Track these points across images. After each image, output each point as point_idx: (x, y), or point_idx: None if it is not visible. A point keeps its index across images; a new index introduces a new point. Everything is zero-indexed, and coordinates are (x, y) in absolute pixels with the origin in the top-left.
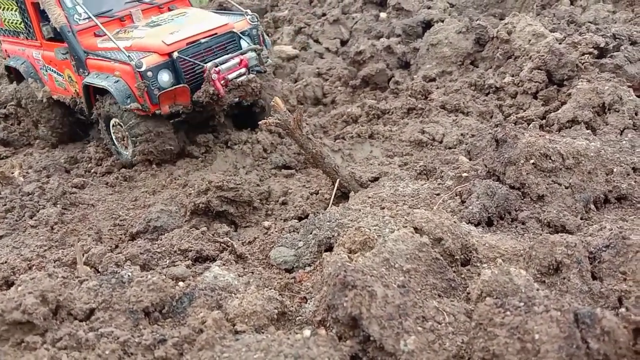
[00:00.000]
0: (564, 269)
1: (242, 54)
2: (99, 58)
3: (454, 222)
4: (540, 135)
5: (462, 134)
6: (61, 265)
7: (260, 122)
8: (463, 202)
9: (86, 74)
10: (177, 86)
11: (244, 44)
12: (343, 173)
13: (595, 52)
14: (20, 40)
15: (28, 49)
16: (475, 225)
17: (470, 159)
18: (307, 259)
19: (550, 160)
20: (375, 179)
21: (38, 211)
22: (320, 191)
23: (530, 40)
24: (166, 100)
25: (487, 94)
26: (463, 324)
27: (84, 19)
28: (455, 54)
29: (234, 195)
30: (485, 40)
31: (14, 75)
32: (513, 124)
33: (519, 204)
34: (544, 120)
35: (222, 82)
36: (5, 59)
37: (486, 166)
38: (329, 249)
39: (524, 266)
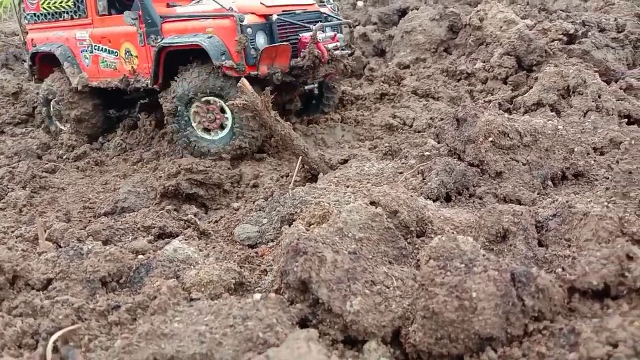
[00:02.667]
0: (510, 236)
1: (333, 30)
2: (182, 18)
3: (411, 196)
4: (499, 114)
5: (431, 118)
6: (23, 241)
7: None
8: (424, 179)
9: (159, 40)
10: (279, 44)
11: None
12: (312, 155)
13: (565, 38)
14: (59, 23)
15: (69, 31)
16: (434, 201)
17: (438, 142)
18: (270, 235)
19: (508, 138)
20: (345, 161)
21: (7, 194)
22: (290, 174)
23: (501, 27)
24: (266, 59)
25: (458, 80)
26: (411, 288)
27: None
28: (429, 41)
29: (204, 177)
30: (458, 27)
31: (37, 69)
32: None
33: (477, 180)
34: (512, 105)
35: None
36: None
37: (447, 145)
38: (292, 224)
39: (475, 235)
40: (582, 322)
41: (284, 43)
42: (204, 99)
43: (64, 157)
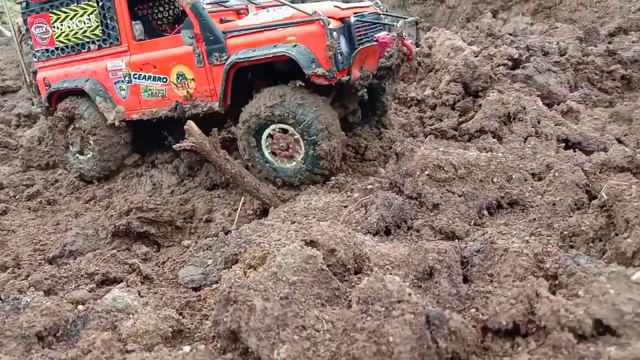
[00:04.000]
0: (436, 274)
1: (399, 35)
2: (250, 31)
3: (349, 233)
4: (434, 148)
5: (381, 147)
6: None
7: (174, 146)
8: (367, 212)
9: (224, 57)
10: (370, 44)
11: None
12: (264, 190)
13: (510, 63)
14: (82, 56)
15: (97, 62)
16: (374, 235)
17: None
18: (214, 276)
19: (443, 171)
20: (297, 194)
21: None
22: (242, 208)
23: (449, 54)
24: (358, 62)
25: (409, 107)
26: (340, 331)
27: (207, 3)
28: None
29: (154, 215)
30: None
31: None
32: (411, 139)
33: (415, 213)
34: (457, 132)
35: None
36: (35, 97)
37: (389, 178)
38: (233, 266)
39: (405, 272)
40: None
41: (374, 43)
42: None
43: (16, 197)
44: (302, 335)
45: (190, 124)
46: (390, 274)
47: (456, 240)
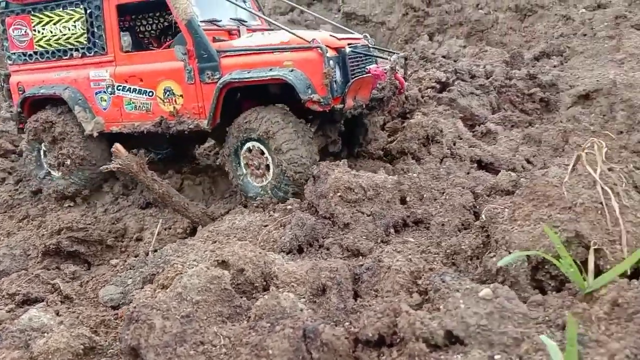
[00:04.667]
0: (327, 290)
1: (392, 68)
2: (246, 52)
3: (259, 253)
4: (346, 172)
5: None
6: None
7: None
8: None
9: (217, 76)
10: (364, 75)
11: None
12: (193, 209)
13: (437, 86)
14: (63, 62)
15: (79, 71)
16: (287, 253)
17: None
18: (133, 295)
19: (354, 193)
20: (227, 213)
21: None
22: (173, 226)
23: None
24: (353, 92)
25: None
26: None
27: (201, 21)
28: None
29: (84, 235)
30: None
31: (25, 118)
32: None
33: (327, 232)
34: (382, 152)
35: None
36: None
37: (307, 199)
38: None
39: (306, 289)
40: None
41: (369, 75)
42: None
43: None
44: (199, 350)
45: (117, 147)
46: (295, 290)
47: (360, 257)
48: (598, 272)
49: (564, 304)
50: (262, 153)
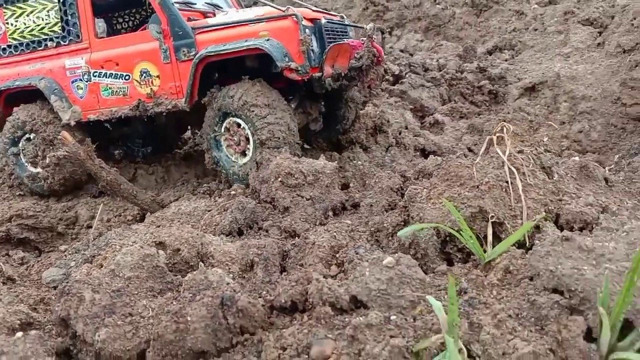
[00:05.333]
0: (255, 266)
1: (369, 36)
2: (221, 27)
3: (196, 234)
4: (287, 158)
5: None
6: None
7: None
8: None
9: (192, 52)
10: (343, 42)
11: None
12: (142, 197)
13: (391, 78)
14: (38, 54)
15: (54, 61)
16: (227, 235)
17: None
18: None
19: (294, 178)
20: (176, 199)
21: None
22: (123, 213)
23: None
24: (330, 59)
25: None
26: None
27: (175, 2)
28: None
29: (34, 222)
30: None
31: (1, 116)
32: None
33: (267, 215)
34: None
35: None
36: None
37: (250, 185)
38: None
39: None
40: (272, 333)
41: (345, 42)
42: (235, 120)
43: None
44: (126, 320)
45: (64, 134)
46: (229, 268)
47: (296, 238)
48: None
49: (464, 273)
50: (239, 126)
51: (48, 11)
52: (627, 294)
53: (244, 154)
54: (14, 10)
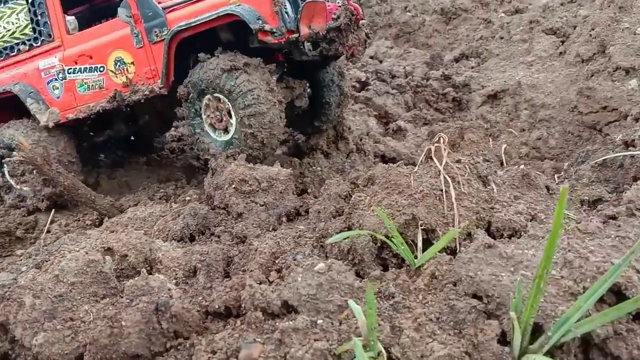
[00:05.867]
0: (197, 272)
1: None
2: (190, 2)
3: (145, 240)
4: (241, 165)
5: None
6: None
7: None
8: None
9: (165, 31)
10: (316, 0)
11: None
12: (100, 202)
13: (357, 85)
14: (13, 59)
15: (27, 65)
16: (178, 241)
17: None
18: None
19: (248, 184)
20: (135, 205)
21: None
22: (82, 218)
23: None
24: (305, 18)
25: None
26: None
27: None
28: None
29: None
30: None
31: None
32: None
33: (220, 221)
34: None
35: None
36: None
37: (205, 191)
38: None
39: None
40: (205, 338)
41: (320, 1)
42: (215, 95)
43: None
44: (66, 325)
45: (20, 140)
46: (176, 274)
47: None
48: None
49: (394, 278)
50: (219, 100)
51: (17, 14)
52: (535, 299)
53: (226, 130)
54: None
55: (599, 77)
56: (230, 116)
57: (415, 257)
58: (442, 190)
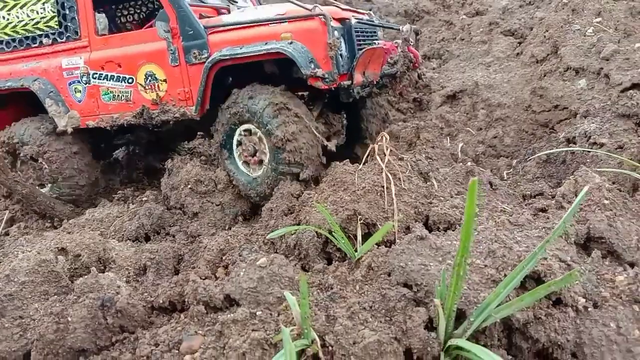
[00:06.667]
0: (147, 270)
1: (405, 39)
2: (237, 27)
3: (98, 240)
4: (197, 165)
5: None
6: None
7: None
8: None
9: (204, 55)
10: (376, 46)
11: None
12: (60, 208)
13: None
14: (31, 51)
15: (49, 60)
16: (134, 241)
17: None
18: None
19: (204, 185)
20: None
21: None
22: (41, 221)
23: None
24: (362, 66)
25: None
26: None
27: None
28: None
29: None
30: None
31: None
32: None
33: (175, 221)
34: None
35: None
36: None
37: (162, 191)
38: None
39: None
40: (149, 331)
41: (379, 46)
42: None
43: None
44: (15, 323)
45: None
46: (129, 272)
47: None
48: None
49: (333, 270)
50: (254, 133)
51: (44, 4)
52: (457, 286)
53: (260, 163)
54: (6, 2)
55: (551, 77)
56: (262, 141)
57: (356, 251)
58: (383, 187)
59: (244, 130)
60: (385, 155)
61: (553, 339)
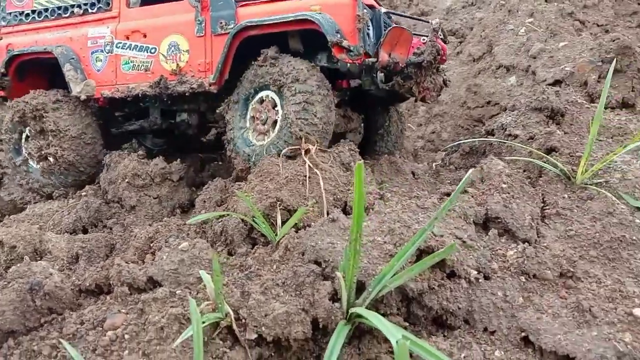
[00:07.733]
0: (79, 258)
1: (435, 30)
2: (266, 0)
3: (34, 232)
4: (134, 160)
5: None
6: None
7: None
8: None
9: (231, 25)
10: (404, 28)
11: None
12: (1, 204)
13: None
14: (61, 21)
15: (76, 29)
16: (71, 234)
17: None
18: None
19: (141, 179)
20: (37, 202)
21: None
22: None
23: None
24: (388, 45)
25: None
26: None
27: None
28: None
29: None
30: None
31: (9, 83)
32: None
33: (112, 214)
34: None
35: None
36: None
37: (100, 186)
38: None
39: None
40: (76, 312)
41: (407, 29)
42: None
43: None
44: None
45: None
46: (64, 262)
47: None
48: (297, 229)
49: (252, 252)
50: (274, 107)
51: None
52: (355, 260)
53: (265, 134)
54: None
55: (485, 75)
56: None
57: (276, 235)
58: (305, 177)
59: (265, 96)
60: (310, 148)
61: (445, 307)
